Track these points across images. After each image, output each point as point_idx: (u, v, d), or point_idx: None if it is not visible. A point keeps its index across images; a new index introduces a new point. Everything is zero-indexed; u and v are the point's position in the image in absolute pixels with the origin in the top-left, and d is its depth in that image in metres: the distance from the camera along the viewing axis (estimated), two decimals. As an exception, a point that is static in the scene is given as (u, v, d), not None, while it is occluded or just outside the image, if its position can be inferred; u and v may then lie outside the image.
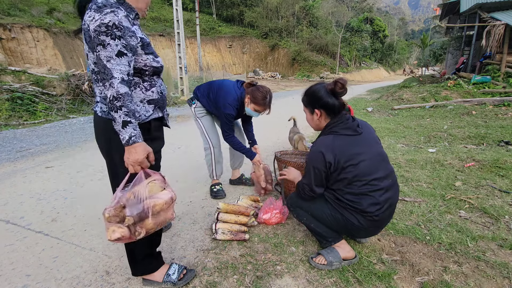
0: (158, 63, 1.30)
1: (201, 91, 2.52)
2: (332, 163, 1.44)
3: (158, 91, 1.34)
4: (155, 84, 1.33)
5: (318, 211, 1.59)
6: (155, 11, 31.63)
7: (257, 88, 2.31)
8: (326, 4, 38.94)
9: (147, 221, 1.12)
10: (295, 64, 33.31)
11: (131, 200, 1.10)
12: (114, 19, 1.08)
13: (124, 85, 1.11)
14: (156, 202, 1.14)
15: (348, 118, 1.54)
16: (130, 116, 1.12)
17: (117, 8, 1.11)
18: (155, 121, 1.37)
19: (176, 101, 9.84)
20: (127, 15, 1.14)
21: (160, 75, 1.37)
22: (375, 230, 1.61)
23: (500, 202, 2.33)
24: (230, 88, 2.37)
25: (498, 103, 7.12)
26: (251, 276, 1.54)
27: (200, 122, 2.55)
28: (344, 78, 1.53)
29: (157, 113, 1.37)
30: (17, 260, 1.72)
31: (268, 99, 2.29)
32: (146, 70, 1.26)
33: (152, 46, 1.31)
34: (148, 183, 1.17)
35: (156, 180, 1.21)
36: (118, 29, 1.09)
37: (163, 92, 1.39)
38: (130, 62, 1.14)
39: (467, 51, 13.59)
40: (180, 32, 10.14)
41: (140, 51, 1.21)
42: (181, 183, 2.97)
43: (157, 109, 1.36)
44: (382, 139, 4.71)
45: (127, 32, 1.12)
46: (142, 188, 1.13)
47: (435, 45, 28.95)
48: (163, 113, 1.41)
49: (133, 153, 1.13)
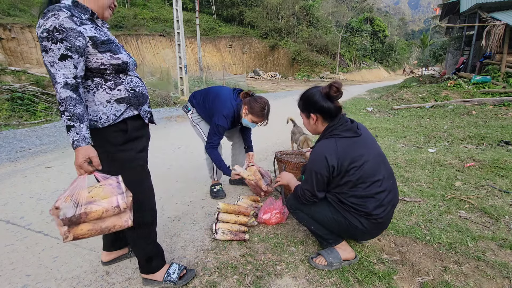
0: (119, 60, 1.24)
1: (197, 99, 2.49)
2: (336, 167, 1.41)
3: (127, 89, 1.29)
4: (122, 82, 1.28)
5: (319, 214, 1.57)
6: (155, 11, 31.63)
7: (255, 99, 2.27)
8: (326, 4, 38.96)
9: (81, 225, 1.10)
10: (295, 64, 33.34)
11: (66, 203, 1.08)
12: (54, 22, 1.07)
13: (68, 89, 1.09)
14: (93, 208, 1.10)
15: (347, 120, 1.53)
16: (74, 120, 1.10)
17: (59, 10, 1.09)
18: (132, 120, 1.33)
19: (176, 101, 9.85)
20: (71, 16, 1.11)
21: (129, 72, 1.32)
22: (377, 232, 1.60)
23: (500, 202, 2.33)
24: (226, 99, 2.31)
25: (498, 103, 7.12)
26: (251, 276, 1.54)
27: (199, 127, 2.54)
28: (339, 81, 1.50)
29: (131, 111, 1.32)
30: (17, 260, 1.72)
31: (266, 110, 2.25)
32: (106, 69, 1.22)
33: (115, 43, 1.27)
34: (95, 187, 1.14)
35: (105, 186, 1.16)
36: (59, 32, 1.07)
37: (136, 88, 1.34)
38: (77, 64, 1.12)
39: (467, 51, 13.60)
40: (180, 32, 10.14)
41: (93, 50, 1.17)
42: (181, 183, 2.97)
43: (130, 108, 1.31)
44: (382, 139, 4.71)
45: (70, 34, 1.09)
46: (82, 193, 1.11)
47: (435, 45, 28.96)
48: (139, 111, 1.35)
49: (76, 156, 1.13)
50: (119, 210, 1.15)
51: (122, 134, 1.29)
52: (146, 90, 1.42)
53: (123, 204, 1.15)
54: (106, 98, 1.24)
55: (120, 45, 1.33)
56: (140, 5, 31.54)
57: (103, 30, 1.26)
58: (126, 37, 25.79)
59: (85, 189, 1.12)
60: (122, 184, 1.18)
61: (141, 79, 1.41)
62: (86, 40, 1.15)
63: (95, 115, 1.23)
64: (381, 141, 4.55)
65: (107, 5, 1.28)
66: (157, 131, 5.49)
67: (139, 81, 1.37)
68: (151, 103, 8.91)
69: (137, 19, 27.87)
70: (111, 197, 1.14)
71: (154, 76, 13.01)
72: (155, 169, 3.36)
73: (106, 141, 1.27)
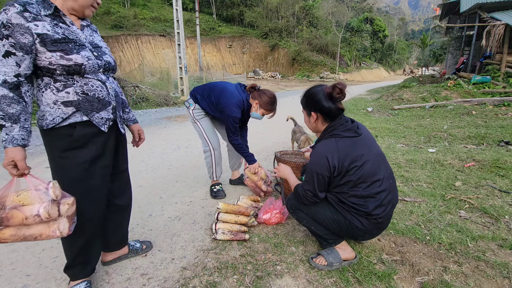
0: (71, 61, 1.15)
1: (200, 93, 2.49)
2: (337, 167, 1.41)
3: (77, 92, 1.20)
4: (72, 84, 1.19)
5: (319, 214, 1.57)
6: (155, 11, 31.67)
7: (264, 92, 2.34)
8: (326, 4, 39.00)
9: (4, 230, 1.06)
10: (295, 64, 33.35)
11: None
12: (2, 17, 1.05)
13: (5, 87, 1.07)
14: (14, 214, 1.05)
15: (347, 120, 1.53)
16: (6, 120, 1.07)
17: (11, 5, 1.06)
18: (82, 126, 1.23)
19: (176, 101, 9.85)
20: (22, 11, 1.07)
21: (87, 75, 1.22)
22: (377, 232, 1.60)
23: (500, 202, 2.33)
24: (234, 90, 2.37)
25: (498, 103, 7.12)
26: (251, 276, 1.54)
27: (199, 124, 2.52)
28: (343, 82, 1.50)
29: (80, 116, 1.22)
30: (17, 260, 1.72)
31: (276, 103, 2.36)
32: (55, 69, 1.15)
33: (78, 43, 1.20)
34: (25, 191, 1.09)
35: (33, 191, 1.08)
36: (6, 28, 1.05)
37: (90, 93, 1.23)
38: (20, 62, 1.08)
39: (467, 51, 13.61)
40: (180, 32, 10.15)
41: (41, 48, 1.11)
42: (181, 183, 2.97)
43: (79, 112, 1.22)
44: (382, 139, 4.71)
45: (17, 30, 1.06)
46: (10, 195, 1.07)
47: (435, 45, 28.96)
48: (90, 117, 1.24)
49: (4, 158, 1.10)
50: (40, 220, 1.06)
51: (67, 139, 1.22)
52: (110, 96, 1.32)
53: (44, 214, 1.05)
54: (52, 100, 1.18)
55: (86, 45, 1.24)
56: (140, 5, 31.56)
57: (69, 29, 1.19)
58: (126, 37, 25.81)
59: (13, 192, 1.08)
60: (51, 191, 1.09)
61: (105, 83, 1.30)
62: (34, 37, 1.09)
63: (42, 115, 1.19)
64: (381, 141, 4.55)
65: (87, 4, 1.24)
66: (157, 131, 5.50)
67: (98, 85, 1.27)
68: (151, 103, 8.97)
69: (137, 19, 27.91)
70: (34, 205, 1.06)
71: (154, 76, 13.02)
72: (155, 169, 3.37)
73: (52, 143, 1.23)
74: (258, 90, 2.37)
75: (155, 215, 2.28)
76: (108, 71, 1.35)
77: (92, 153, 1.28)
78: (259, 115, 2.39)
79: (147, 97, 9.21)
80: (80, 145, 1.25)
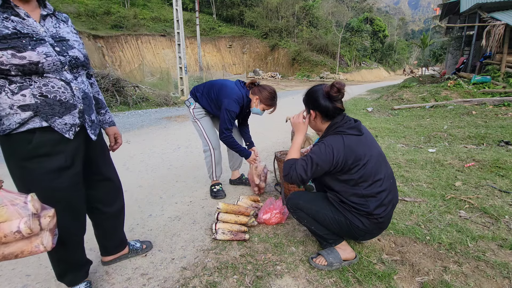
0: (24, 60, 1.01)
1: (200, 91, 2.49)
2: (339, 163, 1.41)
3: (34, 94, 1.06)
4: (29, 85, 1.06)
5: (320, 214, 1.57)
6: (155, 11, 31.66)
7: (264, 88, 2.34)
8: (326, 4, 39.00)
9: None
10: (295, 64, 33.34)
11: None
12: None
13: None
14: None
15: (350, 119, 1.53)
16: None
17: None
18: (43, 132, 1.10)
19: (176, 101, 9.85)
20: None
21: (48, 74, 1.08)
22: (377, 232, 1.60)
23: (500, 202, 2.33)
24: (233, 86, 2.37)
25: (498, 103, 7.12)
26: (251, 276, 1.54)
27: (199, 123, 2.52)
28: (342, 82, 1.50)
29: (39, 122, 1.08)
30: (17, 260, 1.71)
31: (276, 98, 2.36)
32: (9, 69, 1.01)
33: (37, 38, 1.06)
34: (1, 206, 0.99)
35: (9, 206, 0.99)
36: None
37: (50, 95, 1.09)
38: None
39: (467, 51, 13.61)
40: (180, 32, 10.15)
41: None
42: (181, 183, 2.97)
43: (38, 117, 1.08)
44: (382, 139, 4.71)
45: None
46: None
47: (435, 45, 28.97)
48: (50, 123, 1.10)
49: None
50: (21, 236, 0.97)
51: (26, 146, 1.09)
52: (76, 98, 1.16)
53: (26, 230, 0.97)
54: (8, 104, 1.04)
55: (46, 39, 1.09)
56: (140, 5, 31.56)
57: (23, 22, 1.06)
58: (126, 37, 25.81)
59: None
60: (30, 205, 1.00)
61: (70, 83, 1.14)
62: None
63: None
64: (381, 141, 4.55)
65: None
66: (157, 131, 5.50)
67: (61, 86, 1.12)
68: (151, 103, 8.97)
69: (137, 19, 27.90)
70: (13, 221, 0.97)
71: (154, 76, 13.03)
72: (155, 169, 3.37)
73: (12, 150, 1.11)
74: (258, 86, 2.37)
75: (155, 215, 2.28)
76: (76, 68, 1.19)
77: (59, 163, 1.15)
78: (260, 111, 2.39)
79: (147, 97, 9.21)
80: (43, 154, 1.12)
